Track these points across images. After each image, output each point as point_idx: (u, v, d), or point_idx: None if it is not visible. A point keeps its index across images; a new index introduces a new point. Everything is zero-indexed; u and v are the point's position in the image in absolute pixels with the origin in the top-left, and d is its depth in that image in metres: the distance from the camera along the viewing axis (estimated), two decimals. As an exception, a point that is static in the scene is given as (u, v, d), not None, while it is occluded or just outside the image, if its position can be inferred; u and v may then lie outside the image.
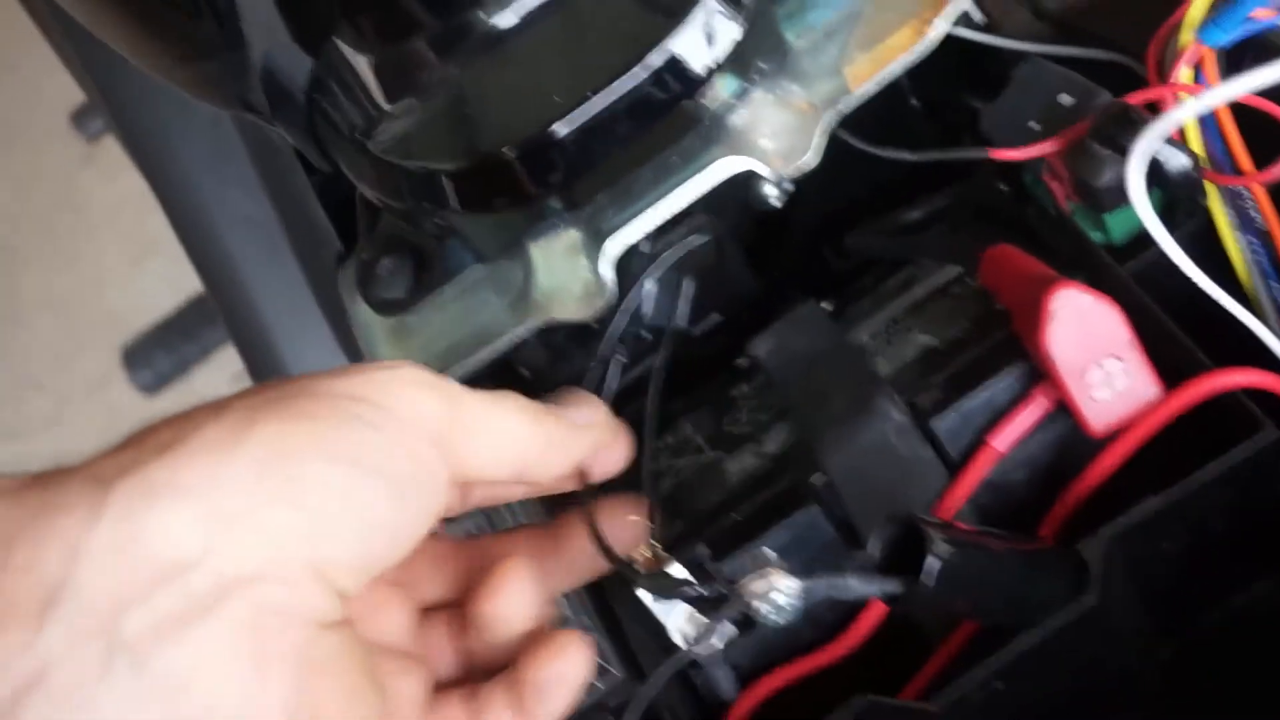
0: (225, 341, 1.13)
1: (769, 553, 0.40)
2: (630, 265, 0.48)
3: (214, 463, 0.32)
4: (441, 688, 0.41)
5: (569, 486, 0.42)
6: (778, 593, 0.38)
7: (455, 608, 0.43)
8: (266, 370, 0.61)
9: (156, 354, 1.13)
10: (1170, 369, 0.42)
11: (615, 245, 0.44)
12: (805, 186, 0.53)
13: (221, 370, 1.35)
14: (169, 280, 1.34)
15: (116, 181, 1.48)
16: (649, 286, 0.49)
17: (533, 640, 0.40)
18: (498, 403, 0.38)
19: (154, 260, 1.43)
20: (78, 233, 1.50)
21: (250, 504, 0.32)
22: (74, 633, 0.30)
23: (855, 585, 0.39)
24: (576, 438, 0.41)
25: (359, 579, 0.34)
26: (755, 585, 0.39)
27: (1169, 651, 0.46)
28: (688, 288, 0.51)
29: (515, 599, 0.41)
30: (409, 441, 0.35)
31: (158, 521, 0.31)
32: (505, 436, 0.38)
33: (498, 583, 0.41)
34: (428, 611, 0.43)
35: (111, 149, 1.45)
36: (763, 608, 0.38)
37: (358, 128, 0.45)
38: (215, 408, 0.33)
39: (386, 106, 0.44)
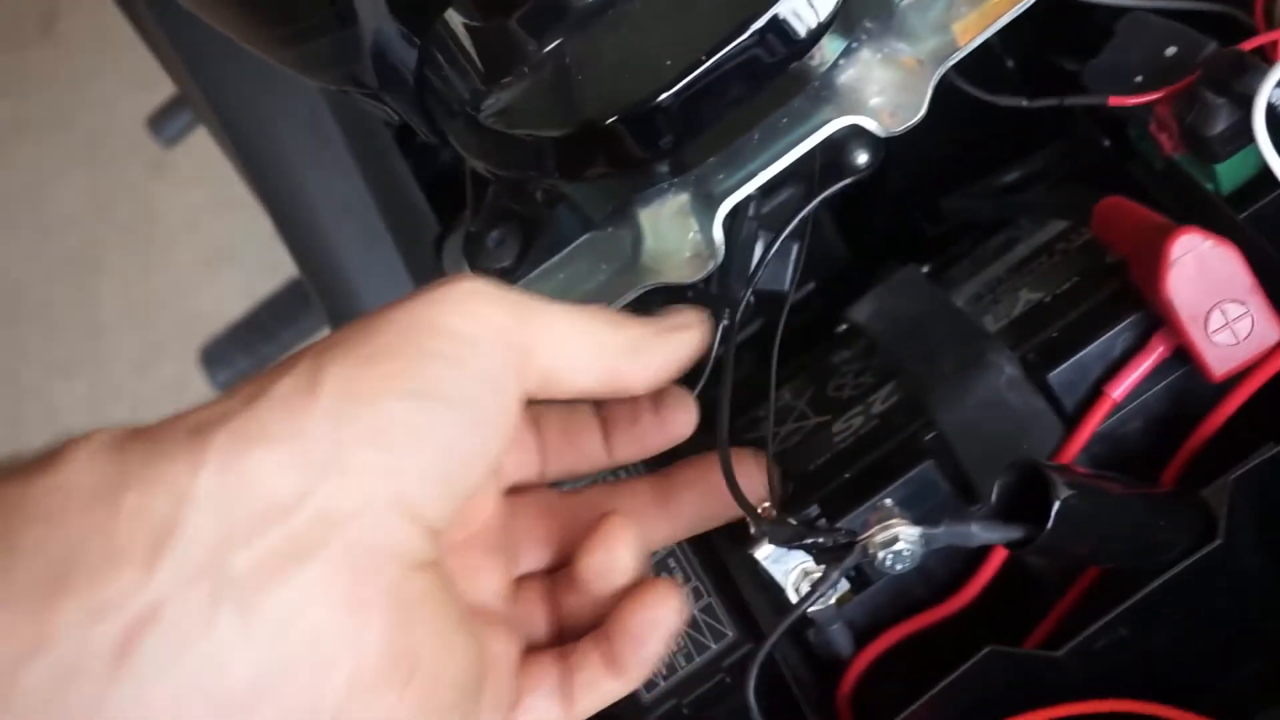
0: (301, 339, 1.14)
1: (888, 503, 0.40)
2: (734, 230, 0.48)
3: (293, 412, 0.33)
4: (533, 650, 0.41)
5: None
6: (901, 541, 0.38)
7: (551, 573, 0.43)
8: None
9: (234, 354, 1.14)
10: (1291, 314, 0.42)
11: (726, 207, 0.45)
12: (897, 151, 0.53)
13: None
14: (243, 286, 1.35)
15: (189, 192, 1.51)
16: (758, 249, 0.49)
17: (625, 594, 0.41)
18: (575, 311, 0.39)
19: (228, 267, 1.45)
20: (154, 242, 1.53)
21: (332, 448, 0.33)
22: (183, 573, 0.31)
23: (978, 532, 0.39)
24: (667, 340, 0.41)
25: (443, 508, 0.35)
26: (878, 535, 0.39)
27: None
28: (796, 252, 0.51)
29: (619, 555, 0.41)
30: (476, 361, 0.35)
31: (255, 467, 0.32)
32: (585, 343, 0.38)
33: (600, 540, 0.41)
34: (523, 580, 0.43)
35: (184, 160, 1.47)
36: (886, 556, 0.39)
37: (467, 100, 0.45)
38: (291, 359, 0.34)
39: (496, 78, 0.44)
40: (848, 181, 0.50)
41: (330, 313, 0.63)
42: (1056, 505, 0.38)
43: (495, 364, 0.36)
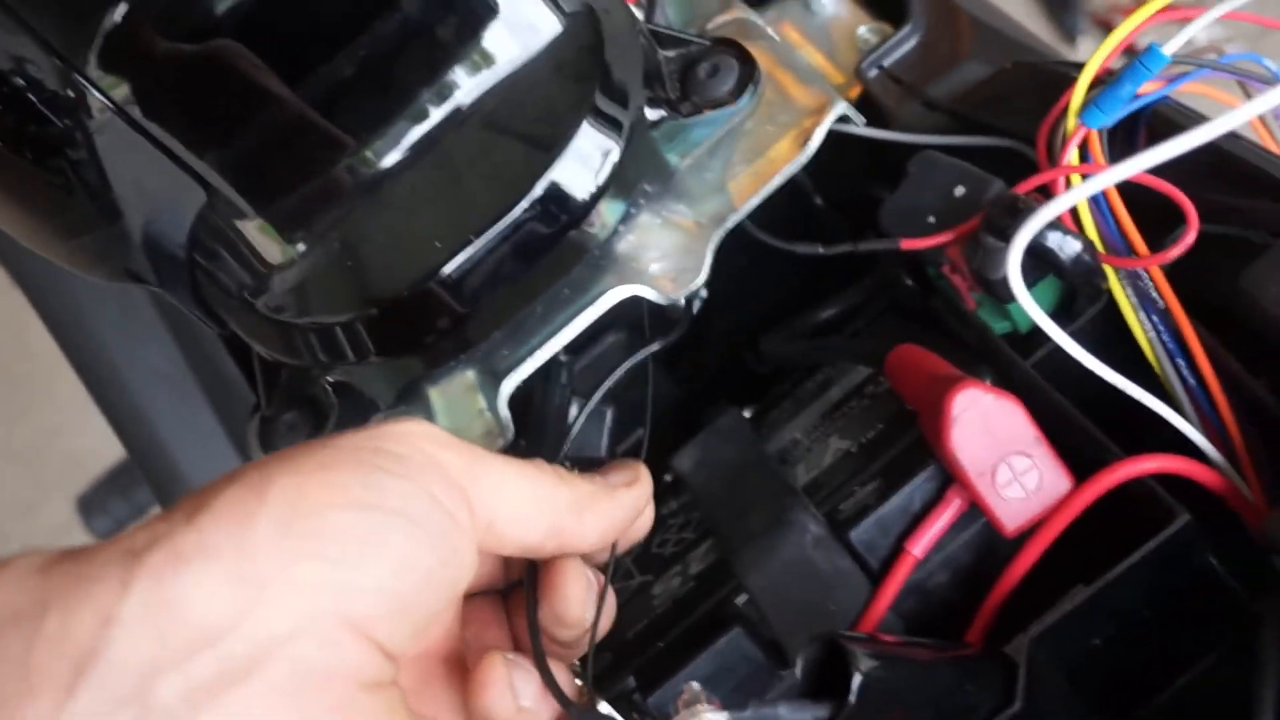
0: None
1: (695, 686, 0.39)
2: (546, 396, 0.48)
3: (237, 524, 0.31)
4: None
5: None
6: None
7: None
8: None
9: (111, 500, 1.11)
10: (1080, 460, 0.42)
11: (510, 384, 0.44)
12: (719, 291, 0.53)
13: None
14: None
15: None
16: (574, 413, 0.48)
17: None
18: (519, 464, 0.38)
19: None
20: (31, 381, 1.50)
21: (278, 562, 0.31)
22: (105, 700, 0.29)
23: (785, 714, 0.38)
24: (612, 498, 0.40)
25: (398, 629, 0.33)
26: None
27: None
28: (610, 417, 0.50)
29: (501, 698, 0.39)
30: (429, 483, 0.34)
31: (189, 587, 0.30)
32: (529, 492, 0.37)
33: (478, 688, 0.39)
34: None
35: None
36: None
37: (244, 287, 0.44)
38: (234, 473, 0.33)
39: (270, 263, 0.44)
40: (651, 350, 0.50)
41: (154, 486, 0.61)
42: (859, 680, 0.37)
43: (444, 492, 0.35)
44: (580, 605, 0.40)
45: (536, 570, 0.40)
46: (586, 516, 0.39)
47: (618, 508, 0.40)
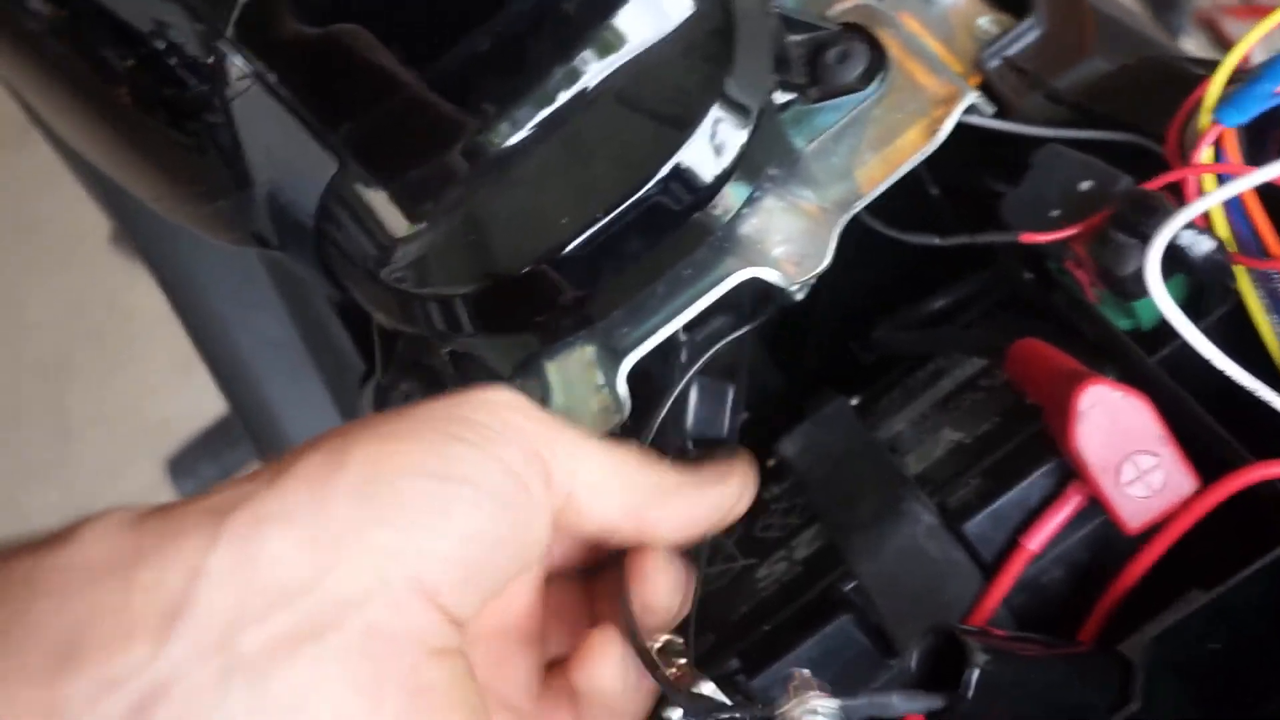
0: (270, 448, 1.13)
1: (805, 673, 0.39)
2: (665, 376, 0.48)
3: (316, 489, 0.33)
4: None
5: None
6: (820, 715, 0.37)
7: None
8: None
9: (201, 463, 1.13)
10: (1206, 461, 0.41)
11: (630, 361, 0.44)
12: (828, 280, 0.52)
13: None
14: (215, 391, 1.35)
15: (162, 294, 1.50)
16: (694, 394, 0.48)
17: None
18: (602, 442, 0.38)
19: (200, 368, 1.44)
20: (127, 344, 1.52)
21: (353, 527, 0.32)
22: (195, 649, 0.30)
23: (899, 703, 0.38)
24: (700, 492, 0.40)
25: (466, 597, 0.34)
26: (794, 710, 0.38)
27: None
28: (733, 396, 0.50)
29: (598, 672, 0.40)
30: (503, 452, 0.35)
31: (269, 547, 0.32)
32: (611, 470, 0.38)
33: (583, 655, 0.40)
34: (553, 666, 0.42)
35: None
36: None
37: (368, 257, 0.45)
38: (316, 440, 0.34)
39: (395, 235, 0.44)
40: (759, 321, 0.49)
41: (257, 446, 0.62)
42: (975, 674, 0.37)
43: (519, 461, 0.35)
44: (668, 594, 0.40)
45: (625, 553, 0.41)
46: (669, 504, 0.39)
47: (702, 502, 0.40)
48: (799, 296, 0.53)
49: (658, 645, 0.46)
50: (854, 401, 0.54)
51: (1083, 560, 0.43)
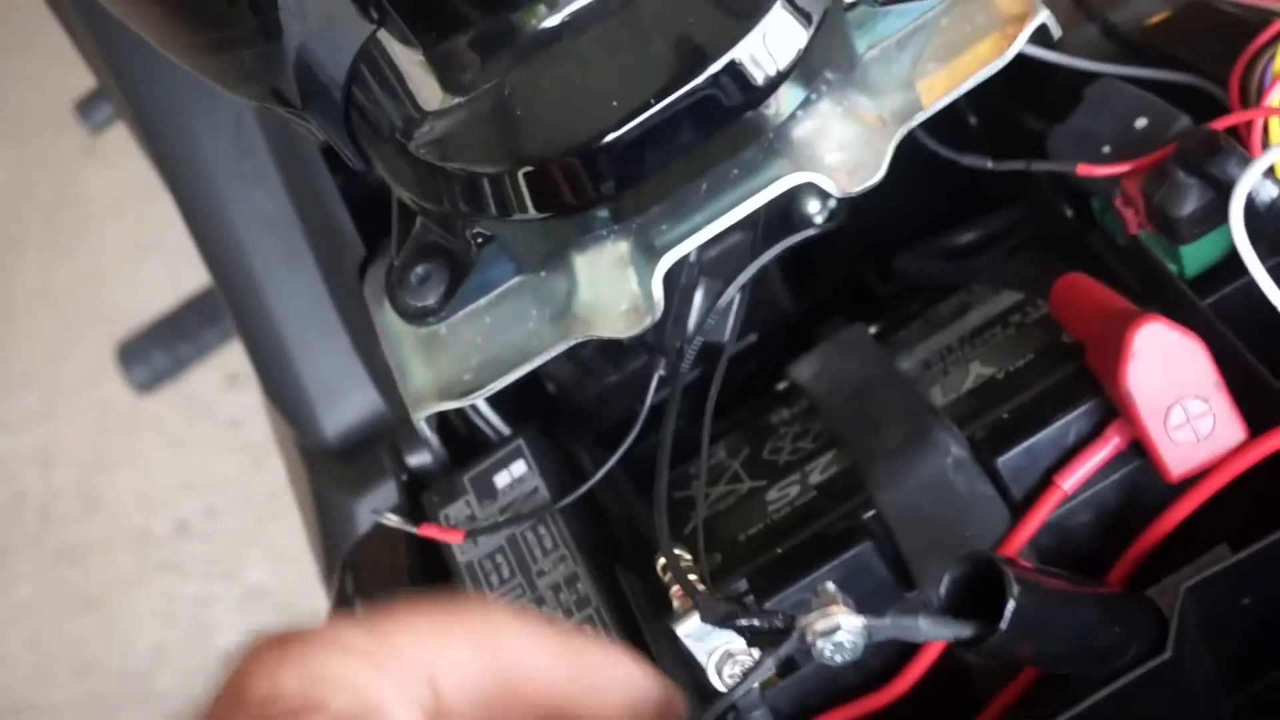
0: (222, 342, 1.10)
1: (830, 587, 0.37)
2: (673, 276, 0.46)
3: None
4: None
5: None
6: (843, 631, 0.36)
7: None
8: (277, 378, 0.58)
9: (153, 351, 1.09)
10: (1253, 412, 0.40)
11: (668, 260, 0.42)
12: (851, 205, 0.51)
13: (215, 371, 1.32)
14: (169, 277, 1.31)
15: (119, 175, 1.45)
16: (698, 300, 0.46)
17: None
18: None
19: (154, 256, 1.40)
20: (79, 226, 1.47)
21: None
22: None
23: (926, 628, 0.36)
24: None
25: None
26: (819, 622, 0.36)
27: (1230, 708, 0.43)
28: (737, 304, 0.48)
29: None
30: None
31: None
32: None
33: None
34: None
35: (115, 142, 1.42)
36: (825, 646, 0.36)
37: (398, 126, 0.42)
38: None
39: (430, 106, 0.41)
40: (799, 238, 0.48)
41: (242, 329, 0.59)
42: (1011, 605, 0.35)
43: None
44: None
45: None
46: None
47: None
48: (818, 219, 0.51)
49: (662, 561, 0.44)
50: (871, 330, 0.53)
51: (1114, 505, 0.42)
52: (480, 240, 0.44)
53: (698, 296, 0.49)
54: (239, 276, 0.58)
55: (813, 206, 0.52)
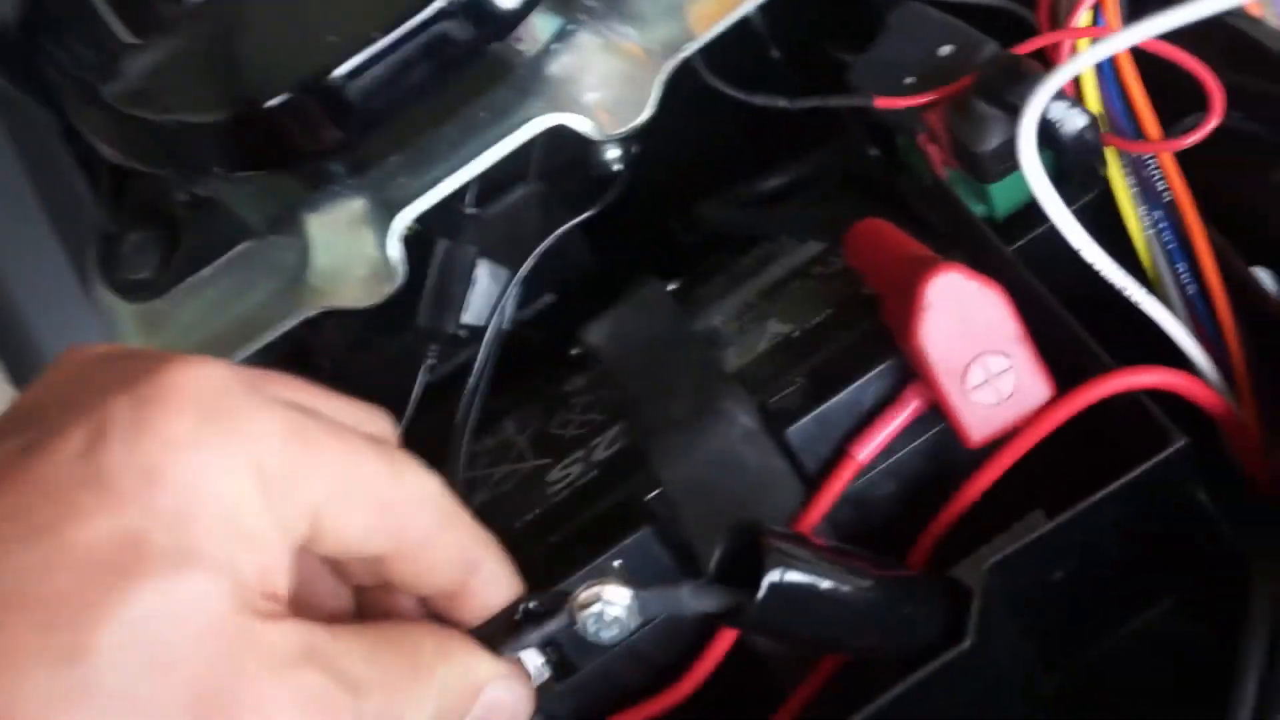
0: None
1: (616, 564, 0.34)
2: (448, 251, 0.41)
3: None
4: None
5: None
6: (605, 603, 0.32)
7: None
8: (22, 363, 0.52)
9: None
10: (1061, 366, 0.36)
11: (406, 217, 0.37)
12: (650, 144, 0.46)
13: None
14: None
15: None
16: (482, 274, 0.42)
17: None
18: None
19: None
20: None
21: None
22: None
23: (689, 599, 0.32)
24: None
25: None
26: (585, 597, 0.32)
27: (1052, 686, 0.40)
28: (514, 278, 0.43)
29: None
30: None
31: None
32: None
33: None
34: None
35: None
36: (588, 619, 0.32)
37: (89, 67, 0.37)
38: None
39: (121, 40, 0.36)
40: (592, 212, 0.43)
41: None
42: (770, 575, 0.32)
43: None
44: None
45: None
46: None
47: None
48: (615, 165, 0.47)
49: None
50: (672, 287, 0.48)
51: (915, 474, 0.39)
52: (198, 201, 0.39)
53: (482, 275, 0.44)
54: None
55: (611, 153, 0.47)
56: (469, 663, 0.32)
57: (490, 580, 0.33)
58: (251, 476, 0.27)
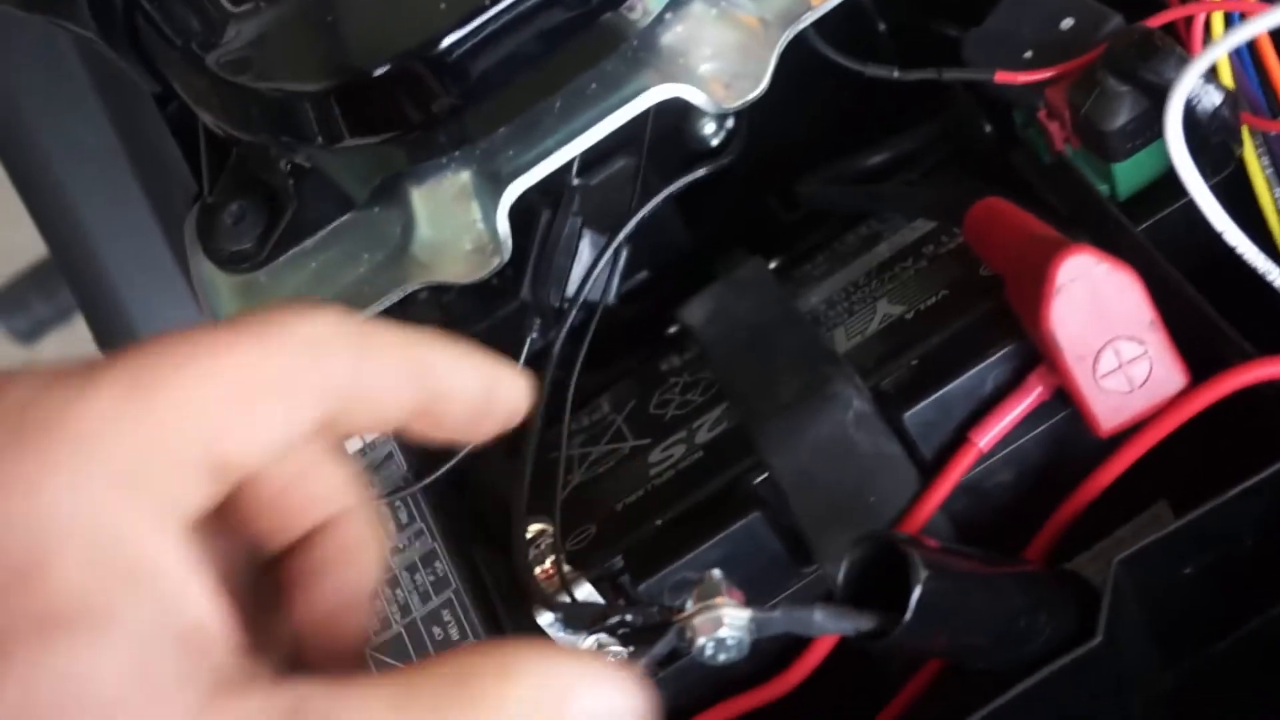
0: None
1: (716, 574, 0.32)
2: (550, 224, 0.40)
3: None
4: None
5: None
6: (727, 627, 0.30)
7: None
8: (114, 334, 0.52)
9: (32, 299, 1.02)
10: (1195, 355, 0.35)
11: (515, 191, 0.36)
12: (749, 123, 0.45)
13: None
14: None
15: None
16: (584, 253, 0.41)
17: None
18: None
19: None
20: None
21: None
22: None
23: (822, 622, 0.31)
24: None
25: None
26: (699, 617, 0.31)
27: (1170, 683, 0.39)
28: (625, 256, 0.42)
29: None
30: None
31: None
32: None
33: None
34: None
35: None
36: (707, 644, 0.30)
37: (194, 37, 0.36)
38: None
39: (226, 9, 0.35)
40: (694, 177, 0.42)
41: (71, 280, 0.53)
42: (917, 592, 0.30)
43: None
44: None
45: None
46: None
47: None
48: (712, 139, 0.46)
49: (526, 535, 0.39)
50: (772, 265, 0.47)
51: (1037, 464, 0.38)
52: (301, 172, 0.38)
53: (584, 248, 0.43)
54: (58, 215, 0.51)
55: (708, 128, 0.46)
56: (544, 672, 0.24)
57: (512, 388, 0.28)
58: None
